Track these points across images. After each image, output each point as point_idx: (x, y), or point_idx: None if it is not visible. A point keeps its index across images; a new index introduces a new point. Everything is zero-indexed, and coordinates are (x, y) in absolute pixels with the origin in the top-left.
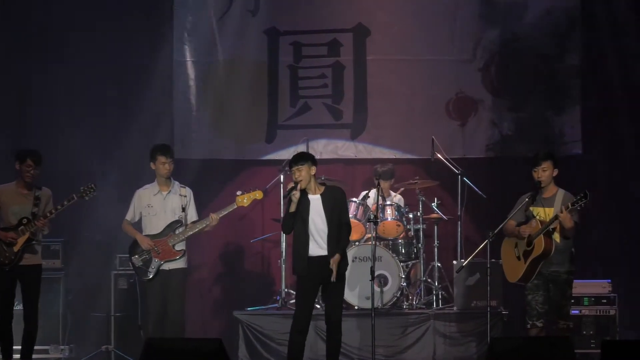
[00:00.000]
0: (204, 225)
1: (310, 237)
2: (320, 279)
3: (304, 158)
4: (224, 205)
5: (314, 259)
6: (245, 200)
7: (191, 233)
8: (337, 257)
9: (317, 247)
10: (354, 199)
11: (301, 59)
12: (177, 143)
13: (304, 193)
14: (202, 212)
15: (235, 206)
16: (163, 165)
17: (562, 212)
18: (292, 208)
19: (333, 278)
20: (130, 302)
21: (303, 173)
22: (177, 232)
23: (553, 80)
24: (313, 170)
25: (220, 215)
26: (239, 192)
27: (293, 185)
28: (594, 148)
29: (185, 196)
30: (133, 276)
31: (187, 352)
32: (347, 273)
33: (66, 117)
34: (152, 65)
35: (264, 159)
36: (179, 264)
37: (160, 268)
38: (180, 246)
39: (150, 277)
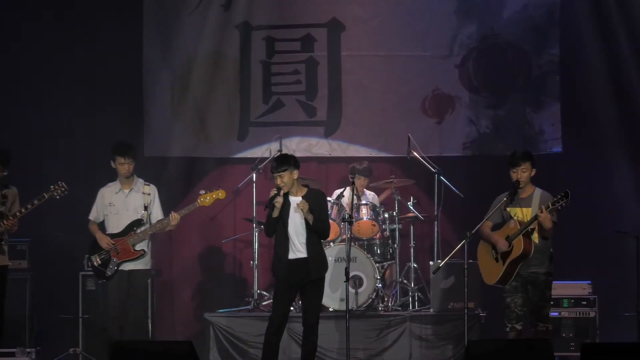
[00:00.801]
0: (165, 224)
1: (290, 240)
2: (298, 282)
3: (287, 163)
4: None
5: (293, 262)
6: (207, 200)
7: (152, 232)
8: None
9: (296, 249)
10: (328, 198)
11: (274, 55)
12: (147, 140)
13: (285, 195)
14: (172, 211)
15: (197, 205)
16: (122, 165)
17: (541, 212)
18: (275, 213)
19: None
20: (99, 304)
21: (285, 179)
22: (138, 231)
23: (532, 77)
24: (295, 174)
25: (182, 215)
26: (201, 191)
27: (275, 192)
28: (575, 146)
29: (149, 194)
30: None
31: (157, 355)
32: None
33: (35, 114)
34: (122, 61)
35: (236, 157)
36: (140, 264)
37: (119, 268)
38: (141, 246)
39: (109, 277)
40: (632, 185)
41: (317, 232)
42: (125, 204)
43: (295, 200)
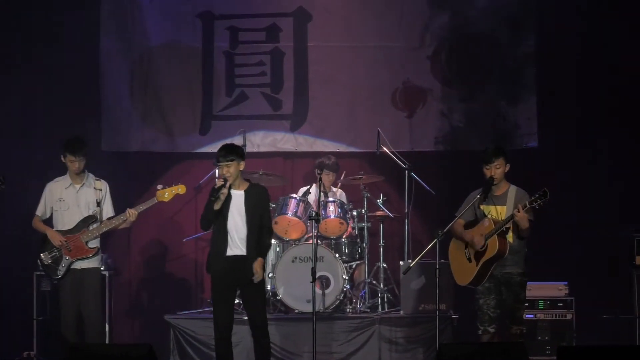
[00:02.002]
0: (121, 221)
1: (228, 236)
2: (237, 281)
3: (234, 153)
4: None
5: (231, 259)
6: (166, 195)
7: (106, 229)
8: (260, 260)
9: (234, 246)
10: (294, 195)
11: (238, 45)
12: (105, 134)
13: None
14: (131, 208)
15: (156, 201)
16: (72, 163)
17: (518, 211)
18: (218, 205)
19: (256, 279)
20: (54, 305)
21: (232, 169)
22: (91, 228)
23: (507, 69)
24: (242, 166)
25: (139, 211)
26: (159, 186)
27: (222, 182)
28: (551, 141)
29: (101, 190)
30: None
31: (115, 358)
32: (287, 274)
33: None
34: (79, 51)
35: (198, 152)
36: (93, 263)
37: (72, 267)
38: (94, 243)
39: (60, 276)
40: (611, 182)
41: (260, 233)
42: (77, 199)
43: (236, 194)
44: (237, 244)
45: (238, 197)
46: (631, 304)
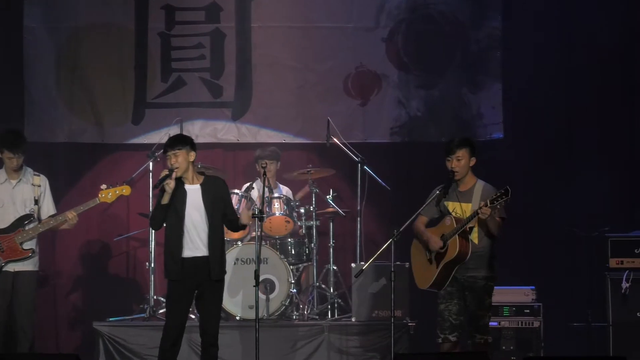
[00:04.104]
0: (59, 222)
1: (186, 235)
2: (196, 284)
3: (182, 141)
4: (82, 197)
5: (189, 261)
6: (110, 196)
7: (43, 230)
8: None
9: (194, 247)
10: (236, 191)
11: (174, 26)
12: (28, 124)
13: (179, 183)
14: (57, 204)
15: (98, 202)
16: (10, 160)
17: (480, 208)
18: (165, 200)
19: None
20: None
21: (180, 159)
22: (27, 227)
23: (470, 53)
24: (192, 156)
25: (79, 212)
26: (103, 186)
27: (167, 172)
28: (518, 132)
29: (39, 186)
30: None
31: None
32: (227, 278)
33: None
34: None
35: (130, 142)
36: (28, 265)
37: (4, 269)
38: (29, 245)
39: None
40: (583, 176)
41: (231, 227)
42: (12, 196)
43: (191, 189)
44: (197, 245)
45: (194, 192)
46: (604, 311)
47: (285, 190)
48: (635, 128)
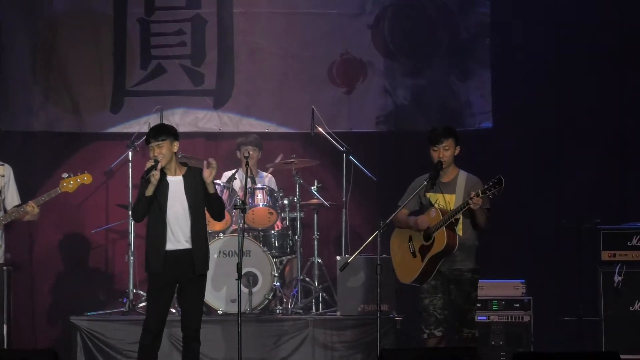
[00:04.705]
0: (21, 214)
1: (168, 228)
2: (178, 278)
3: (165, 132)
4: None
5: (172, 254)
6: (71, 185)
7: (5, 222)
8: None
9: (176, 239)
10: (218, 181)
11: (154, 12)
12: (4, 112)
13: (161, 174)
14: (33, 194)
15: (59, 191)
16: None
17: (471, 198)
18: (149, 191)
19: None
20: None
21: (164, 150)
22: None
23: (458, 40)
24: (175, 146)
25: (40, 203)
26: (64, 175)
27: (153, 163)
28: (508, 121)
29: (3, 176)
30: None
31: None
32: (209, 271)
33: None
34: None
35: (109, 132)
36: None
37: None
38: None
39: None
40: (574, 168)
41: (213, 213)
42: None
43: (174, 180)
44: (179, 238)
45: (176, 183)
46: (596, 305)
47: (267, 178)
48: (627, 116)
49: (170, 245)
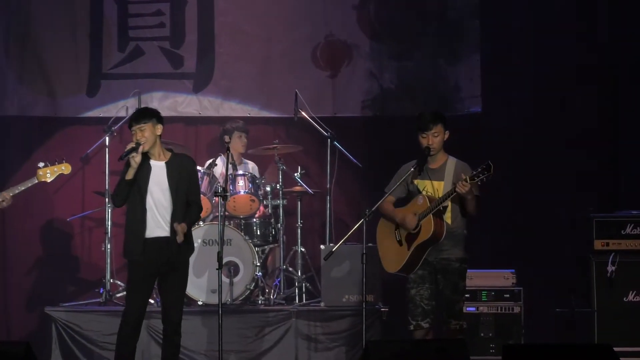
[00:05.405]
0: None
1: (148, 214)
2: (158, 267)
3: (148, 115)
4: (29, 176)
5: (152, 241)
6: (48, 175)
7: None
8: (182, 225)
9: (156, 226)
10: (198, 168)
11: None
12: None
13: (145, 158)
14: (8, 181)
15: (36, 181)
16: None
17: (462, 184)
18: (130, 175)
19: (179, 238)
20: None
21: (147, 133)
22: None
23: (447, 21)
24: (159, 129)
25: (15, 193)
26: (40, 164)
27: (134, 144)
28: (497, 105)
29: None
30: None
31: None
32: (190, 260)
33: None
34: None
35: (85, 116)
36: None
37: None
38: None
39: None
40: (567, 154)
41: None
42: None
43: (157, 165)
44: (159, 224)
45: (159, 169)
46: (589, 296)
47: (251, 165)
48: (620, 102)
49: (149, 232)
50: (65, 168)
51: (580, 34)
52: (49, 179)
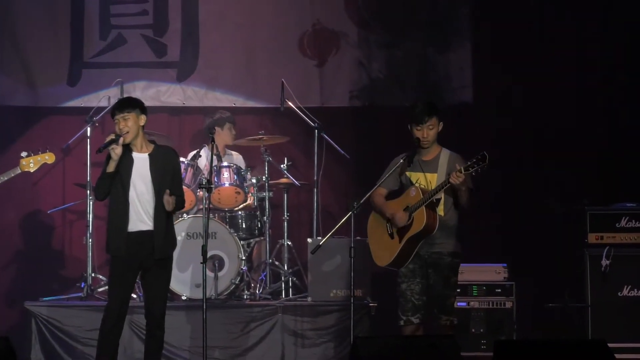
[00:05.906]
0: None
1: (131, 207)
2: (141, 262)
3: (131, 104)
4: (13, 166)
5: (135, 235)
6: (32, 164)
7: None
8: (172, 197)
9: (138, 220)
10: (182, 159)
11: None
12: None
13: (127, 150)
14: None
15: (19, 171)
16: None
17: (455, 175)
18: (111, 167)
19: (168, 206)
20: None
21: (130, 123)
22: None
23: (437, 9)
24: (142, 119)
25: None
26: (23, 154)
27: (113, 136)
28: (488, 96)
29: None
30: None
31: None
32: (174, 254)
33: None
34: None
35: (65, 106)
36: None
37: None
38: None
39: None
40: (560, 145)
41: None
42: None
43: (139, 157)
44: (142, 217)
45: (142, 161)
46: (582, 290)
47: (235, 156)
48: (615, 95)
49: (132, 226)
50: (49, 157)
51: (580, 22)
52: (32, 168)
